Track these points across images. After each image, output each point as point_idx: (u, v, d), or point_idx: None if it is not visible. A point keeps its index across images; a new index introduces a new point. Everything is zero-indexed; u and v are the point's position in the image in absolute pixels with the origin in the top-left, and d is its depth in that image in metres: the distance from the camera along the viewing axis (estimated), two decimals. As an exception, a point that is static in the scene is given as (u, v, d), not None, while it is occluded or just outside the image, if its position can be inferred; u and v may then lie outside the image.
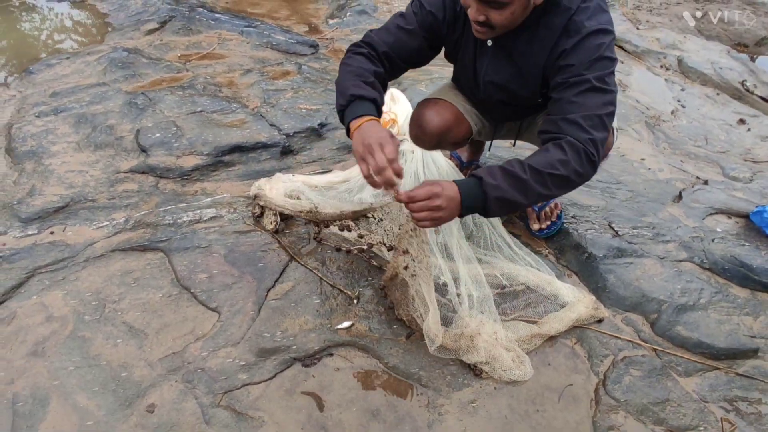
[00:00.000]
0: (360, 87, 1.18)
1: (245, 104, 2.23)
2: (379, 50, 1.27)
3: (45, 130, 2.00)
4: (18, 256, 1.50)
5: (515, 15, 1.12)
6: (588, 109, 1.13)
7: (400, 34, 1.29)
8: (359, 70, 1.21)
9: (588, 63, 1.14)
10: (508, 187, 1.08)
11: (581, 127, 1.12)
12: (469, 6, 1.13)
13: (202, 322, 1.35)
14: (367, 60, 1.25)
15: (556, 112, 1.17)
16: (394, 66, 1.31)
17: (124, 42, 2.76)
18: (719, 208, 1.99)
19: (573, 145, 1.11)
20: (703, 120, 2.84)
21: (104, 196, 1.72)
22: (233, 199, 1.73)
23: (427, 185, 1.07)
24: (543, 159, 1.11)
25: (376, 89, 1.20)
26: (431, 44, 1.34)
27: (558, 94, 1.18)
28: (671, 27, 4.75)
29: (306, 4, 3.55)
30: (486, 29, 1.16)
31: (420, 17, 1.29)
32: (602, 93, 1.14)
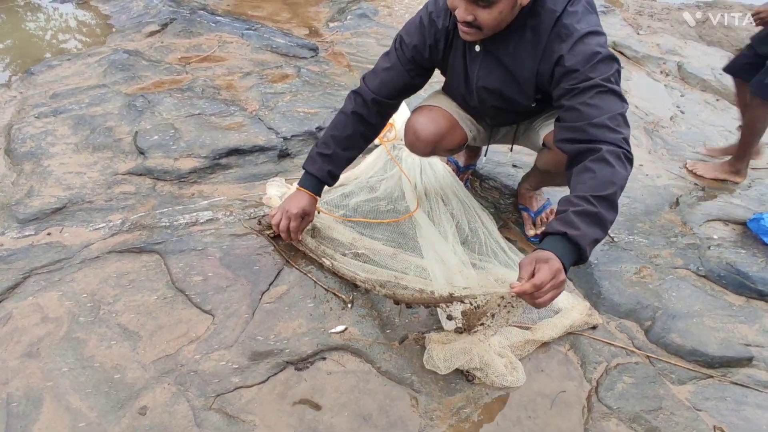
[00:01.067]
0: (314, 162, 1.46)
1: (244, 107, 2.24)
2: (368, 99, 1.41)
3: (44, 131, 2.01)
4: (15, 257, 1.51)
5: (503, 14, 1.12)
6: (609, 109, 1.12)
7: (384, 75, 1.40)
8: (327, 138, 1.45)
9: (591, 66, 1.13)
10: (590, 228, 1.04)
11: (611, 129, 1.10)
12: (456, 7, 1.13)
13: (196, 324, 1.36)
14: (344, 122, 1.44)
15: (576, 119, 1.14)
16: (384, 106, 1.44)
17: (125, 44, 2.78)
18: (716, 215, 1.99)
19: (613, 153, 1.08)
20: (703, 126, 2.83)
21: (101, 198, 1.72)
22: (230, 202, 1.74)
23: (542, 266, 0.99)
24: (597, 182, 1.06)
25: (329, 161, 1.45)
26: (418, 74, 1.41)
27: (570, 101, 1.16)
28: (672, 32, 4.75)
29: (307, 7, 3.56)
30: (474, 30, 1.16)
31: (400, 53, 1.37)
32: (614, 93, 1.14)
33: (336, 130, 1.44)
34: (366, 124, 1.44)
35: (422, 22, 1.33)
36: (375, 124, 1.46)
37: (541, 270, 0.98)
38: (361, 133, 1.45)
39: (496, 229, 1.68)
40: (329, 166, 1.45)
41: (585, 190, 1.06)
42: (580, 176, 1.10)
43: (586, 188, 1.07)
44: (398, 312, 1.43)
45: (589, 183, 1.07)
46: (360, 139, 1.46)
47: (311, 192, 1.47)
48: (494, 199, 1.88)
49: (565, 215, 1.05)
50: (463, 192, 1.77)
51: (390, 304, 1.45)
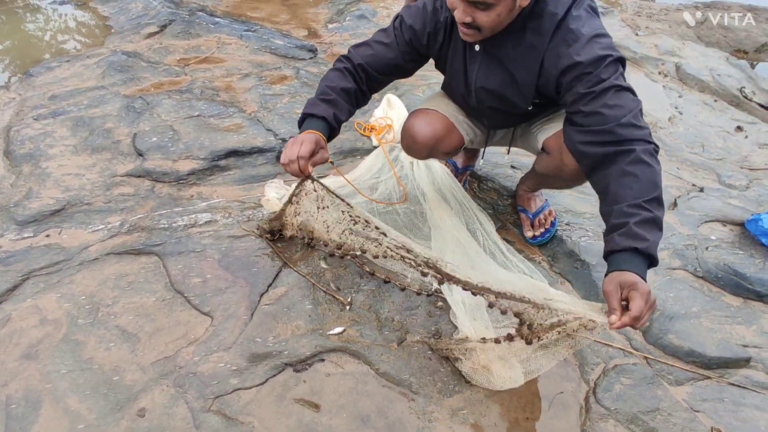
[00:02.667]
0: (316, 105, 1.32)
1: (242, 108, 2.24)
2: (355, 62, 1.36)
3: (43, 133, 2.01)
4: (13, 259, 1.51)
5: (501, 17, 1.13)
6: (629, 107, 1.12)
7: (377, 48, 1.36)
8: (325, 88, 1.33)
9: (603, 68, 1.13)
10: (653, 234, 1.04)
11: (638, 126, 1.11)
12: (455, 8, 1.13)
13: (195, 326, 1.36)
14: (339, 75, 1.35)
15: (601, 122, 1.13)
16: (370, 78, 1.38)
17: (124, 45, 2.78)
18: (714, 215, 2.00)
19: (647, 152, 1.09)
20: (701, 127, 2.84)
21: (100, 200, 1.73)
22: (228, 204, 1.74)
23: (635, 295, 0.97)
24: (643, 185, 1.07)
25: (333, 105, 1.32)
26: (410, 58, 1.38)
27: (588, 105, 1.14)
28: (671, 33, 4.76)
29: (306, 8, 3.56)
30: (473, 31, 1.16)
31: (399, 32, 1.35)
32: (629, 90, 1.15)
33: (332, 82, 1.34)
34: (358, 85, 1.36)
35: (426, 8, 1.32)
36: (364, 90, 1.38)
37: (635, 299, 0.97)
38: (355, 90, 1.36)
39: (495, 230, 1.68)
40: (334, 110, 1.31)
41: (635, 196, 1.06)
42: (622, 180, 1.09)
43: (634, 194, 1.07)
44: (397, 312, 1.43)
45: (636, 187, 1.07)
46: (354, 96, 1.37)
47: (319, 132, 1.29)
48: (492, 200, 1.89)
49: (628, 228, 1.04)
50: (461, 193, 1.78)
51: (389, 306, 1.45)
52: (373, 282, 1.51)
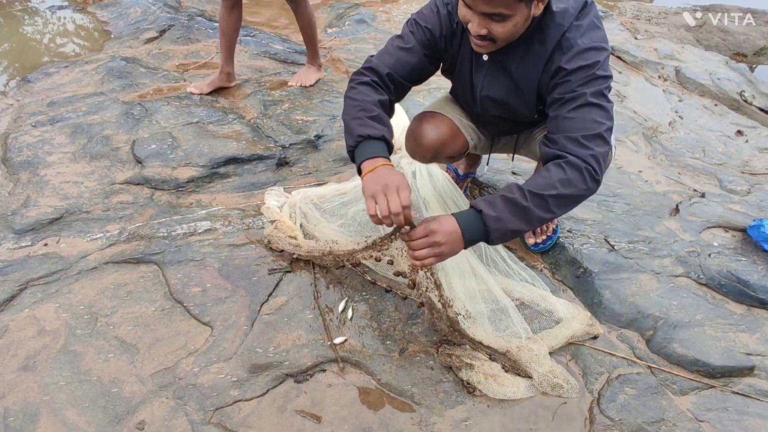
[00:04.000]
0: (366, 125, 1.17)
1: (241, 115, 2.23)
2: (382, 73, 1.26)
3: (41, 140, 2.00)
4: (11, 269, 1.50)
5: (517, 27, 1.12)
6: (586, 124, 1.13)
7: (399, 54, 1.28)
8: (363, 103, 1.20)
9: (583, 79, 1.14)
10: (510, 216, 1.08)
11: (581, 144, 1.12)
12: (469, 21, 1.12)
13: (195, 336, 1.35)
14: (370, 89, 1.24)
15: (555, 129, 1.17)
16: (398, 86, 1.30)
17: (123, 51, 2.77)
18: (716, 221, 1.99)
19: (573, 164, 1.11)
20: (701, 131, 2.83)
21: (99, 208, 1.71)
22: (228, 212, 1.73)
23: (423, 222, 1.08)
24: (543, 181, 1.10)
25: (382, 122, 1.20)
26: (431, 60, 1.33)
27: (555, 111, 1.18)
28: (670, 37, 4.77)
29: (305, 13, 3.56)
30: (487, 43, 1.15)
31: (417, 35, 1.29)
32: (599, 108, 1.14)
33: (367, 96, 1.22)
34: (388, 94, 1.27)
35: (439, 12, 1.28)
36: (391, 99, 1.28)
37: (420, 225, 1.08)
38: (389, 101, 1.27)
39: (496, 237, 1.67)
40: (386, 126, 1.20)
41: (527, 185, 1.11)
42: (534, 174, 1.16)
43: (529, 183, 1.12)
44: (398, 322, 1.42)
45: (536, 181, 1.12)
46: (388, 107, 1.27)
47: (385, 157, 1.15)
48: (494, 207, 1.88)
49: (493, 197, 1.11)
50: (462, 200, 1.77)
51: (390, 315, 1.44)
52: (375, 291, 1.50)
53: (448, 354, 1.31)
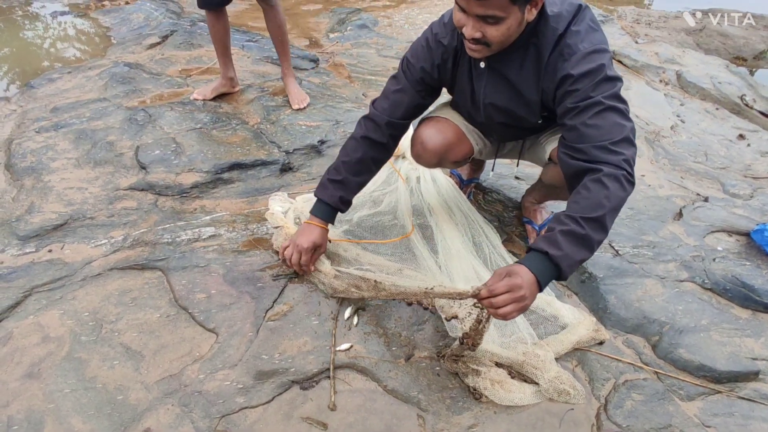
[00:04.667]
0: (326, 187, 1.44)
1: (245, 120, 2.23)
2: (381, 123, 1.41)
3: (45, 146, 2.00)
4: (15, 275, 1.49)
5: (511, 30, 1.12)
6: (611, 130, 1.12)
7: (394, 97, 1.40)
8: (338, 164, 1.44)
9: (593, 85, 1.14)
10: (574, 248, 1.06)
11: (612, 151, 1.11)
12: (463, 25, 1.13)
13: (200, 343, 1.34)
14: (358, 145, 1.42)
15: (578, 139, 1.15)
16: (397, 128, 1.43)
17: (126, 56, 2.78)
18: (720, 226, 1.99)
19: (611, 175, 1.10)
20: (703, 135, 2.84)
21: (103, 214, 1.71)
22: (232, 218, 1.73)
23: (505, 278, 1.05)
24: (590, 202, 1.08)
25: (341, 186, 1.43)
26: (427, 93, 1.41)
27: (572, 120, 1.16)
28: (670, 40, 4.78)
29: (307, 18, 3.57)
30: (481, 47, 1.16)
31: (408, 74, 1.38)
32: (617, 112, 1.14)
33: (346, 156, 1.43)
34: (377, 147, 1.43)
35: (428, 44, 1.34)
36: (387, 145, 1.44)
37: (502, 281, 1.05)
38: (371, 157, 1.44)
39: (501, 242, 1.67)
40: (340, 192, 1.43)
41: (576, 211, 1.09)
42: (575, 195, 1.12)
43: (578, 209, 1.09)
44: (404, 328, 1.42)
45: (582, 203, 1.09)
46: (371, 163, 1.45)
47: (323, 220, 1.45)
48: (498, 212, 1.88)
49: (552, 234, 1.08)
50: (466, 205, 1.77)
51: (396, 321, 1.44)
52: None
53: (454, 360, 1.31)
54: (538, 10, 1.13)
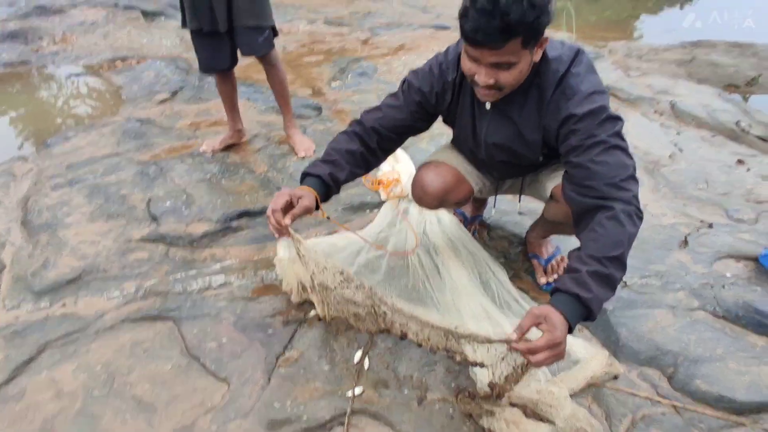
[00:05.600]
0: (315, 165, 1.37)
1: (252, 169, 2.30)
2: (367, 126, 1.41)
3: (60, 202, 2.07)
4: (30, 330, 1.52)
5: (523, 73, 1.17)
6: (618, 167, 1.16)
7: (388, 110, 1.42)
8: (329, 149, 1.40)
9: (597, 124, 1.18)
10: (602, 289, 1.07)
11: (622, 188, 1.14)
12: (475, 73, 1.17)
13: (212, 393, 1.34)
14: (345, 138, 1.41)
15: (586, 177, 1.18)
16: (383, 138, 1.42)
17: (137, 112, 2.90)
18: (727, 252, 1.98)
19: (624, 212, 1.12)
20: (702, 162, 2.87)
21: (116, 266, 1.75)
22: (242, 265, 1.76)
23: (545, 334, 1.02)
24: (608, 240, 1.09)
25: (332, 165, 1.36)
26: (421, 117, 1.43)
27: (578, 158, 1.19)
28: (662, 72, 4.91)
29: (309, 68, 3.73)
30: (494, 91, 1.20)
31: (407, 95, 1.40)
32: (621, 150, 1.18)
33: (338, 144, 1.40)
34: (366, 146, 1.41)
35: (432, 71, 1.38)
36: (374, 150, 1.42)
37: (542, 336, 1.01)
38: (361, 154, 1.40)
39: (508, 279, 1.68)
40: (332, 169, 1.35)
41: (597, 250, 1.09)
42: (591, 233, 1.12)
43: (598, 248, 1.09)
44: (415, 369, 1.41)
45: (601, 242, 1.09)
46: (361, 158, 1.40)
47: (310, 188, 1.32)
48: (503, 248, 1.90)
49: (579, 276, 1.07)
50: (472, 243, 1.79)
51: (407, 363, 1.43)
52: (389, 337, 1.49)
53: (467, 401, 1.29)
54: (543, 49, 1.19)
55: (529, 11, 1.03)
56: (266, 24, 2.10)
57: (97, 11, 4.78)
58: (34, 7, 4.77)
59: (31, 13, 4.64)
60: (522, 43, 1.08)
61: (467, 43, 1.12)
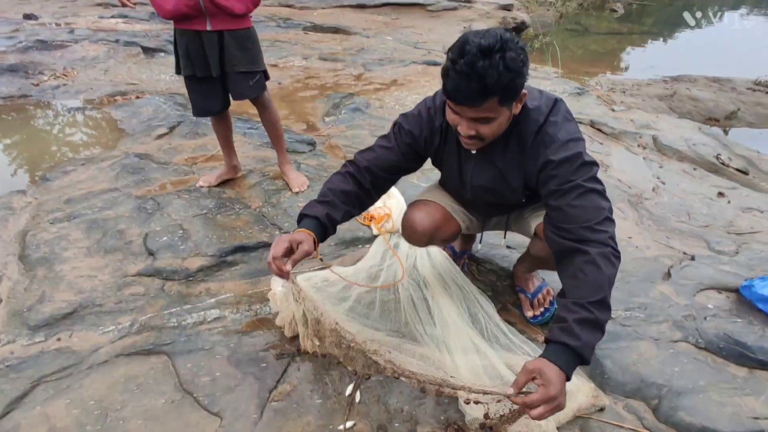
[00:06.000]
0: (311, 206, 1.42)
1: (247, 204, 2.36)
2: (361, 166, 1.47)
3: (58, 236, 2.11)
4: (25, 365, 1.53)
5: (501, 126, 1.26)
6: (593, 210, 1.23)
7: (380, 151, 1.48)
8: (325, 190, 1.45)
9: (573, 170, 1.26)
10: (590, 335, 1.11)
11: (597, 230, 1.20)
12: (458, 124, 1.25)
13: (205, 428, 1.36)
14: (340, 179, 1.46)
15: (565, 220, 1.25)
16: (377, 178, 1.48)
17: (136, 147, 2.97)
18: (708, 283, 2.04)
19: (601, 255, 1.18)
20: (684, 195, 2.97)
21: (111, 300, 1.78)
22: (236, 299, 1.79)
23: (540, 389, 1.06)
24: (590, 286, 1.15)
25: (328, 206, 1.41)
26: (412, 158, 1.50)
27: (556, 201, 1.27)
28: (644, 107, 5.10)
29: (304, 103, 3.85)
30: (475, 141, 1.28)
31: (398, 138, 1.48)
32: (597, 193, 1.25)
33: (333, 185, 1.45)
34: (360, 186, 1.46)
35: (421, 115, 1.46)
36: (368, 190, 1.48)
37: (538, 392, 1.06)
38: (356, 194, 1.45)
39: (496, 312, 1.72)
40: (328, 210, 1.40)
41: (580, 297, 1.14)
42: (573, 280, 1.19)
43: (581, 294, 1.15)
44: (406, 403, 1.43)
45: (583, 288, 1.15)
46: (355, 199, 1.46)
47: (308, 231, 1.36)
48: (491, 281, 1.95)
49: (567, 325, 1.12)
50: (461, 277, 1.84)
51: (397, 396, 1.46)
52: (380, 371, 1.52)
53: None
54: (522, 103, 1.28)
55: (504, 75, 1.11)
56: (257, 69, 2.19)
57: (98, 47, 4.94)
58: (36, 41, 4.91)
59: (32, 47, 4.78)
60: (499, 101, 1.17)
61: (448, 99, 1.21)
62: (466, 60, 1.11)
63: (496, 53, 1.10)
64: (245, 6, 2.04)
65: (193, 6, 1.96)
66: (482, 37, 1.12)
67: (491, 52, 1.10)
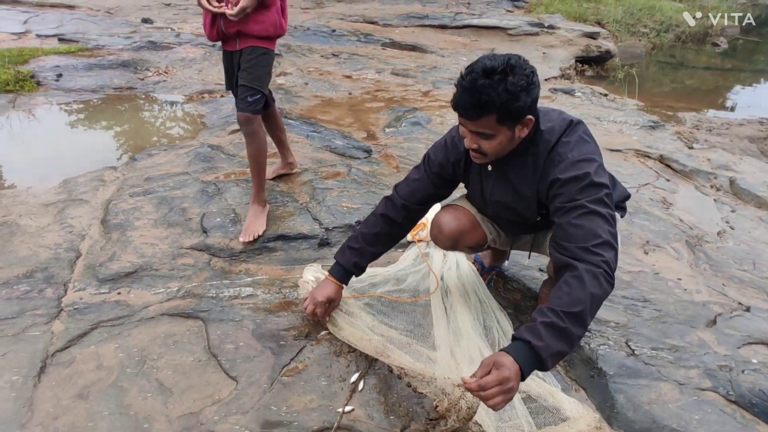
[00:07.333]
0: (344, 253, 1.67)
1: (296, 199, 2.55)
2: (398, 204, 1.63)
3: (134, 207, 2.42)
4: (88, 310, 1.79)
5: (502, 144, 1.33)
6: (592, 232, 1.24)
7: (413, 185, 1.63)
8: (358, 235, 1.67)
9: (578, 189, 1.28)
10: (555, 341, 1.14)
11: (592, 252, 1.22)
12: (465, 136, 1.36)
13: (221, 388, 1.51)
14: (373, 223, 1.65)
15: (564, 237, 1.28)
16: (412, 211, 1.64)
17: (211, 139, 3.30)
18: (759, 337, 1.90)
19: (589, 272, 1.19)
20: (754, 243, 2.74)
21: (166, 267, 2.02)
22: (270, 281, 1.96)
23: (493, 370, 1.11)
24: (570, 298, 1.17)
25: (357, 254, 1.65)
26: (442, 185, 1.62)
27: (559, 219, 1.31)
28: (731, 147, 4.72)
29: (368, 113, 4.03)
30: (479, 155, 1.38)
31: (428, 168, 1.61)
32: (600, 216, 1.26)
33: (366, 228, 1.66)
34: (393, 225, 1.64)
35: (446, 144, 1.58)
36: (402, 224, 1.65)
37: (491, 374, 1.10)
38: (386, 233, 1.65)
39: (512, 329, 1.73)
40: (356, 258, 1.65)
41: (558, 305, 1.17)
42: (557, 290, 1.21)
43: (559, 303, 1.17)
44: (404, 399, 1.50)
45: (564, 299, 1.17)
46: (385, 238, 1.66)
47: (338, 279, 1.67)
48: (515, 300, 1.95)
49: (534, 325, 1.16)
50: (483, 291, 1.87)
51: (398, 391, 1.52)
52: (386, 367, 1.60)
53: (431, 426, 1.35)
54: (530, 128, 1.33)
55: (502, 94, 1.20)
56: (258, 87, 2.17)
57: (197, 50, 5.50)
58: (147, 41, 5.57)
59: (143, 47, 5.43)
60: (497, 120, 1.25)
61: (454, 110, 1.31)
62: (470, 77, 1.22)
63: (498, 75, 1.19)
64: (263, 28, 2.13)
65: (217, 32, 2.16)
66: (492, 60, 1.21)
67: (493, 73, 1.20)
